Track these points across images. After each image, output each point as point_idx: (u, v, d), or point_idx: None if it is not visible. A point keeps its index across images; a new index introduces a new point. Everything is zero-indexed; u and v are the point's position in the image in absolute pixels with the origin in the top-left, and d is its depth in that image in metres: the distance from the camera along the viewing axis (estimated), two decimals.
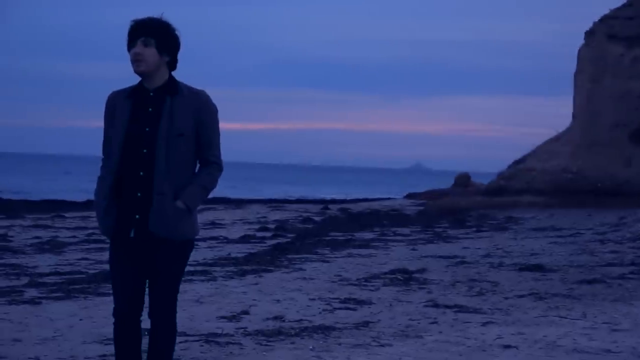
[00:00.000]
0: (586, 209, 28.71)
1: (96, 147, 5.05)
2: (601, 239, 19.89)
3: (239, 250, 16.94)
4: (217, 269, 13.29)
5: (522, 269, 13.89)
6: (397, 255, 16.41)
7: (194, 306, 9.68)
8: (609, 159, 32.32)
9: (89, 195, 32.47)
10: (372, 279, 12.37)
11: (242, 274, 12.78)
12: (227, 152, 5.13)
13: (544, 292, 11.29)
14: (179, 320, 5.20)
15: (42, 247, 16.85)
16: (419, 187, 61.94)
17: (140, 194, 4.88)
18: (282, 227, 23.61)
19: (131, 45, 4.90)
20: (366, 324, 8.73)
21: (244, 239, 19.64)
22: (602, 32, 34.17)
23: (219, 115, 5.01)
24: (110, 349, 5.72)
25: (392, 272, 13.03)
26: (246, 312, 9.31)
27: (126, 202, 4.91)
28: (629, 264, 14.63)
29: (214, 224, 24.44)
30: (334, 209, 35.33)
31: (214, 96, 5.00)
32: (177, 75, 5.01)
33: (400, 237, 21.17)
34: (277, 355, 7.27)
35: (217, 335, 7.99)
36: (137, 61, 4.88)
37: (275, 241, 19.06)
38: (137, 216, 4.89)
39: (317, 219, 28.56)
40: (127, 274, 4.97)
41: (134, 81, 4.98)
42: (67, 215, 27.18)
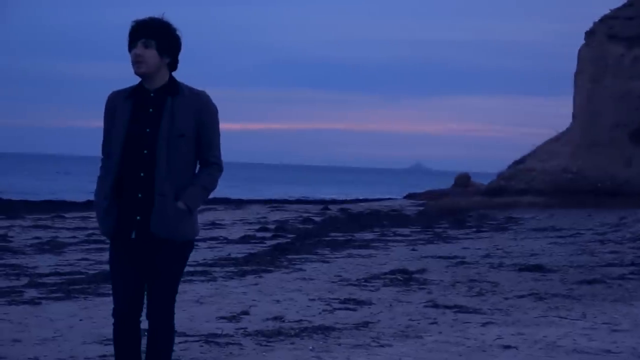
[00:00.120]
0: (586, 209, 28.72)
1: (96, 147, 5.03)
2: (601, 239, 19.89)
3: (239, 250, 16.93)
4: (217, 269, 13.29)
5: (522, 269, 13.89)
6: (397, 255, 16.41)
7: (194, 306, 9.67)
8: (609, 159, 32.31)
9: (89, 195, 32.55)
10: (372, 280, 12.37)
11: (242, 274, 12.78)
12: (227, 152, 5.12)
13: (543, 292, 11.28)
14: (179, 320, 5.20)
15: (42, 248, 16.85)
16: (419, 188, 61.96)
17: (141, 195, 4.87)
18: (282, 227, 23.61)
19: (132, 46, 4.88)
20: (366, 325, 8.73)
21: (244, 240, 19.64)
22: (603, 32, 34.16)
23: (219, 115, 5.01)
24: (110, 350, 5.72)
25: (392, 272, 13.03)
26: (246, 313, 9.30)
27: (127, 203, 4.90)
28: (629, 265, 14.63)
29: (214, 224, 24.44)
30: (334, 209, 35.34)
31: (214, 96, 4.99)
32: (178, 75, 5.00)
33: (400, 238, 21.17)
34: (277, 355, 7.26)
35: (217, 335, 7.98)
36: (137, 63, 4.87)
37: (275, 241, 19.06)
38: (138, 217, 4.88)
39: (317, 219, 28.56)
40: (128, 275, 4.96)
41: (134, 81, 4.97)
42: (67, 215, 27.19)
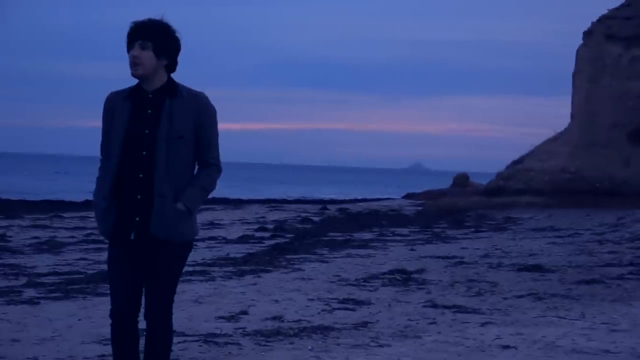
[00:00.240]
0: (585, 209, 28.73)
1: (96, 147, 5.03)
2: (600, 240, 19.90)
3: (238, 250, 16.94)
4: (216, 269, 13.29)
5: (520, 269, 13.90)
6: (395, 255, 16.41)
7: (193, 306, 9.67)
8: (607, 159, 32.32)
9: (88, 195, 32.57)
10: (370, 279, 12.37)
11: (241, 274, 12.78)
12: (226, 152, 5.13)
13: (542, 292, 11.29)
14: (178, 320, 5.19)
15: (40, 247, 16.85)
16: (418, 187, 62.01)
17: (140, 196, 4.86)
18: (280, 227, 23.62)
19: (129, 47, 4.88)
20: (365, 325, 8.73)
21: (243, 239, 19.64)
22: (601, 32, 34.17)
23: (217, 116, 5.00)
24: (108, 349, 5.72)
25: (391, 272, 13.04)
26: (245, 313, 9.30)
27: (125, 204, 4.89)
28: (627, 265, 14.64)
29: (212, 224, 24.44)
30: (332, 209, 35.35)
31: (214, 96, 4.99)
32: (177, 74, 4.99)
33: (399, 238, 21.17)
34: (276, 355, 7.26)
35: (215, 335, 7.98)
36: (134, 65, 4.86)
37: (273, 241, 19.07)
38: (137, 218, 4.88)
39: (316, 219, 28.57)
40: (126, 275, 4.95)
41: (134, 81, 4.96)
42: (66, 215, 27.18)
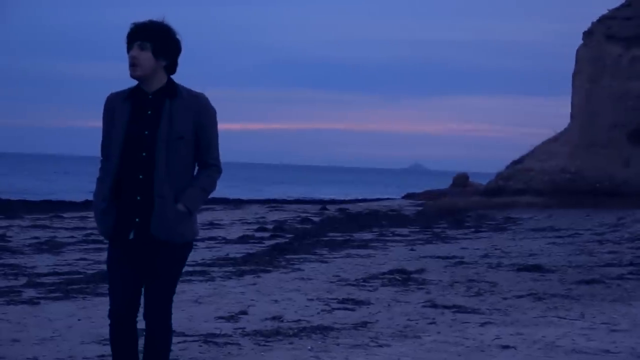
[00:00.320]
0: (585, 210, 28.72)
1: (95, 148, 5.03)
2: (600, 240, 19.90)
3: (238, 250, 16.94)
4: (216, 269, 13.30)
5: (520, 269, 13.90)
6: (395, 255, 16.41)
7: (193, 306, 9.67)
8: (607, 160, 32.31)
9: (88, 195, 32.58)
10: (370, 280, 12.37)
11: (241, 274, 12.78)
12: (226, 152, 5.12)
13: (542, 292, 11.29)
14: (177, 320, 5.19)
15: (40, 248, 16.85)
16: (417, 188, 61.97)
17: (139, 197, 4.86)
18: (280, 227, 23.61)
19: (129, 48, 4.88)
20: (364, 325, 8.73)
21: (243, 240, 19.64)
22: (601, 33, 34.16)
23: (217, 116, 5.00)
24: (108, 350, 5.72)
25: (391, 272, 13.04)
26: (244, 313, 9.30)
27: (125, 205, 4.89)
28: (627, 265, 14.64)
29: (212, 225, 24.44)
30: (332, 209, 35.34)
31: (214, 96, 4.99)
32: (177, 75, 4.99)
33: (398, 238, 21.17)
34: (276, 355, 7.26)
35: (215, 335, 7.99)
36: (132, 66, 4.86)
37: (273, 241, 19.06)
38: (137, 219, 4.87)
39: (316, 219, 28.56)
40: (126, 276, 4.94)
41: (134, 82, 4.96)
42: (66, 215, 27.18)
